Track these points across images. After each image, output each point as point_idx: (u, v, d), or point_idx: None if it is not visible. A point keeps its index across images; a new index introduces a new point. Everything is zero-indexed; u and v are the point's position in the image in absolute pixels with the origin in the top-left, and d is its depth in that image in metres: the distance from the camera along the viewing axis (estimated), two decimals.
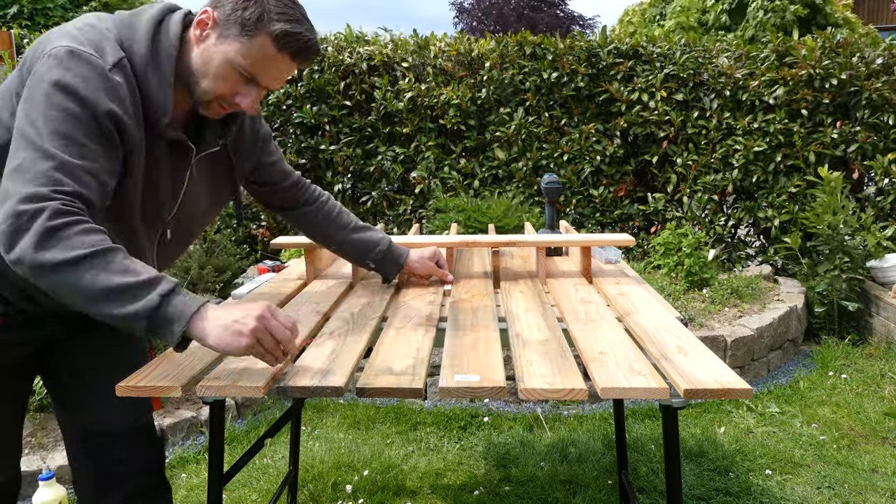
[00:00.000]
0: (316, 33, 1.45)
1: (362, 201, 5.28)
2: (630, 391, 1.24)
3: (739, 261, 5.11)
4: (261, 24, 1.36)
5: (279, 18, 1.37)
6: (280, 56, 1.39)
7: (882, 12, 19.07)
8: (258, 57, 1.38)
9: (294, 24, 1.38)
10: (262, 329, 1.21)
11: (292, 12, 1.39)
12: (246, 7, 1.36)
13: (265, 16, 1.36)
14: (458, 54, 5.13)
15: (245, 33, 1.36)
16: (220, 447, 1.66)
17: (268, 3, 1.37)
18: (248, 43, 1.37)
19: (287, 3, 1.39)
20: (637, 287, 2.00)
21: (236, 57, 1.37)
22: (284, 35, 1.37)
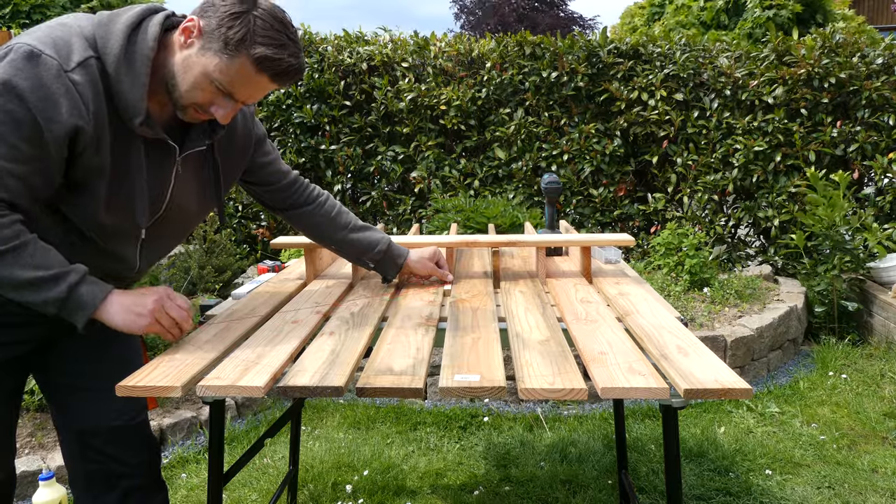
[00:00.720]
0: (301, 56, 1.44)
1: (362, 201, 5.28)
2: (630, 391, 1.24)
3: (739, 261, 5.11)
4: (243, 45, 1.35)
5: (263, 41, 1.36)
6: (259, 77, 1.40)
7: (882, 12, 19.06)
8: (237, 76, 1.38)
9: (277, 49, 1.37)
10: (160, 310, 1.44)
11: (278, 36, 1.38)
12: (231, 26, 1.35)
13: (249, 37, 1.35)
14: (458, 54, 5.13)
15: (227, 51, 1.36)
16: (220, 447, 1.66)
17: (254, 24, 1.36)
18: (229, 61, 1.36)
19: (274, 26, 1.38)
20: (637, 287, 2.00)
21: (215, 72, 1.37)
22: (265, 59, 1.37)
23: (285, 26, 1.40)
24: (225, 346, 1.53)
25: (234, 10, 1.36)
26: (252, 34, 1.35)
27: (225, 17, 1.35)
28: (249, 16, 1.36)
